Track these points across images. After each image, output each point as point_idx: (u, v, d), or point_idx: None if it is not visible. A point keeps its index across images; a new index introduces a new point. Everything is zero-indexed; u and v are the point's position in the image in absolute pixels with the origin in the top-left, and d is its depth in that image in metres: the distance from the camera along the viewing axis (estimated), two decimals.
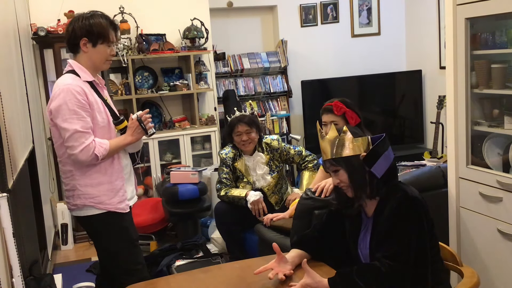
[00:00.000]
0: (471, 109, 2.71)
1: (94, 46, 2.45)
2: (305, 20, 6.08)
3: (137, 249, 2.66)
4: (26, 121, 3.63)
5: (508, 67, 2.63)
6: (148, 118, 2.55)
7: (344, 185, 1.99)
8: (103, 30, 2.45)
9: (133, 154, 2.67)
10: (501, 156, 2.69)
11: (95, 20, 2.44)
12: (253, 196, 3.43)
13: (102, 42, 2.46)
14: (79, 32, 2.42)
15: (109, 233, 2.54)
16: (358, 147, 1.96)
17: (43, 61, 4.76)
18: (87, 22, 2.43)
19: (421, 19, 6.05)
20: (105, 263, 2.69)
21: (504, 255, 2.58)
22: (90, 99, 2.41)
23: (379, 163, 1.92)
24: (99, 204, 2.48)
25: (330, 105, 3.12)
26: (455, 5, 2.67)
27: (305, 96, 5.82)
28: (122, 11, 4.94)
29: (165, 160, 5.13)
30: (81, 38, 2.42)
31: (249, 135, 3.56)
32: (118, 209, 2.51)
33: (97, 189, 2.46)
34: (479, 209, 2.69)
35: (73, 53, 2.50)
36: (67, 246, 4.60)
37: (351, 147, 1.95)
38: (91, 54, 2.46)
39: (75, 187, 2.47)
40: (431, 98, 5.90)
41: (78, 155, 2.36)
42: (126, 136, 2.52)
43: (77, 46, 2.45)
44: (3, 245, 2.17)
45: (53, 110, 2.37)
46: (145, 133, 2.54)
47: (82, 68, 2.46)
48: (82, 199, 2.47)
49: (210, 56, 5.41)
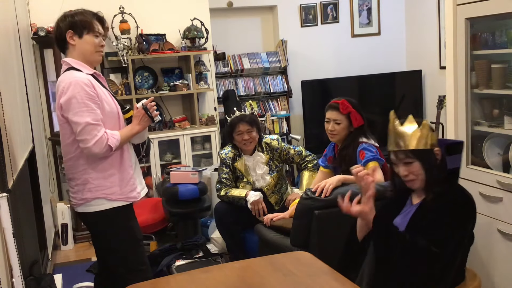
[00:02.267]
0: (471, 109, 2.71)
1: (80, 37, 2.47)
2: (305, 20, 6.08)
3: (141, 249, 2.67)
4: (26, 121, 3.63)
5: (508, 67, 2.63)
6: (153, 105, 2.57)
7: (413, 177, 2.02)
8: (87, 21, 2.48)
9: (138, 147, 2.68)
10: (501, 156, 2.69)
11: (79, 15, 2.49)
12: (253, 196, 3.43)
13: (88, 32, 2.47)
14: (64, 28, 2.46)
15: (115, 231, 2.54)
16: (434, 142, 2.02)
17: (43, 61, 4.76)
18: (70, 18, 2.48)
19: (421, 19, 6.05)
20: (110, 262, 2.66)
21: (504, 255, 2.58)
22: (98, 90, 2.42)
23: (455, 157, 2.02)
24: (111, 195, 2.48)
25: (337, 102, 3.13)
26: (455, 5, 2.67)
27: (305, 96, 5.82)
28: (122, 11, 4.95)
29: (165, 160, 5.13)
30: (66, 32, 2.45)
31: (250, 134, 3.56)
32: (129, 198, 2.53)
33: (109, 180, 2.48)
34: (479, 209, 2.68)
35: (63, 51, 2.53)
36: (67, 246, 4.60)
37: (430, 142, 2.00)
38: (80, 46, 2.47)
39: (87, 181, 2.47)
40: (431, 98, 5.90)
41: (92, 148, 2.36)
42: (133, 126, 2.53)
43: (65, 41, 2.47)
44: (3, 245, 2.17)
45: (63, 104, 2.37)
46: (151, 120, 2.55)
47: (79, 63, 2.47)
48: (93, 192, 2.47)
49: (210, 56, 5.41)
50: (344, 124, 3.11)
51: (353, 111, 3.10)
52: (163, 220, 4.46)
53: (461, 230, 1.92)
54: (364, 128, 3.14)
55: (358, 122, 3.10)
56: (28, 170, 3.37)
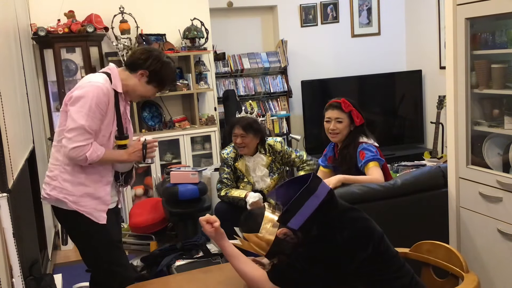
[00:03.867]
0: (471, 109, 2.71)
1: (148, 83, 2.50)
2: (305, 20, 6.08)
3: (118, 251, 2.59)
4: (26, 121, 3.63)
5: (508, 67, 2.63)
6: (154, 148, 2.56)
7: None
8: (166, 80, 2.53)
9: (118, 173, 2.60)
10: (501, 156, 2.69)
11: (168, 69, 2.53)
12: (253, 198, 3.43)
13: (156, 86, 2.52)
14: (149, 67, 2.47)
15: (85, 231, 2.48)
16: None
17: (43, 61, 4.76)
18: (160, 64, 2.49)
19: (421, 19, 6.06)
20: (84, 261, 2.61)
21: (504, 255, 2.58)
22: (110, 106, 2.41)
23: (296, 216, 1.86)
24: (71, 204, 2.41)
25: (338, 102, 3.15)
26: (455, 5, 2.67)
27: (305, 96, 5.82)
28: (122, 11, 4.94)
29: (165, 160, 5.13)
30: (145, 70, 2.47)
31: (243, 139, 3.52)
32: (90, 215, 2.44)
33: (76, 188, 2.42)
34: (479, 209, 2.69)
35: (129, 70, 2.52)
36: (67, 246, 4.60)
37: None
38: (138, 85, 2.50)
39: (56, 178, 2.42)
40: (431, 98, 5.90)
41: (70, 150, 2.32)
42: (122, 153, 2.50)
43: (136, 70, 2.48)
44: (3, 245, 2.17)
45: (73, 97, 2.36)
46: (142, 159, 2.52)
47: (117, 78, 2.47)
48: (58, 192, 2.42)
49: (210, 56, 5.41)
50: (346, 122, 3.13)
51: (354, 110, 3.12)
52: (163, 220, 4.45)
53: None
54: (364, 127, 3.16)
55: (359, 121, 3.12)
56: (28, 170, 3.37)
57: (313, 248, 1.85)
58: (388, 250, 1.90)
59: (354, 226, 1.87)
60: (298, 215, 1.85)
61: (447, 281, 2.07)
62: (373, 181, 2.93)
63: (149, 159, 2.55)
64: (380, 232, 1.90)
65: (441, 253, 2.08)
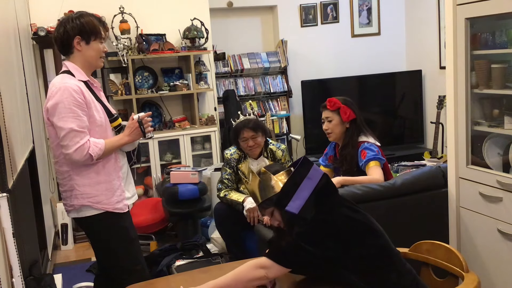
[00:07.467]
0: (471, 109, 2.71)
1: (87, 43, 2.46)
2: (305, 20, 6.08)
3: (136, 249, 2.65)
4: (26, 121, 3.63)
5: (508, 67, 2.63)
6: (149, 121, 2.55)
7: (284, 225, 1.92)
8: (95, 27, 2.47)
9: (129, 153, 2.65)
10: (501, 156, 2.69)
11: (86, 18, 2.46)
12: (250, 203, 3.41)
13: (95, 39, 2.47)
14: (72, 32, 2.43)
15: (107, 233, 2.54)
16: (283, 182, 1.90)
17: (43, 61, 4.76)
18: (78, 21, 2.44)
19: (421, 19, 6.05)
20: (104, 263, 2.68)
21: (504, 255, 2.58)
22: (87, 98, 2.41)
23: (293, 199, 1.84)
24: (97, 204, 2.46)
25: (326, 102, 3.24)
26: (455, 5, 2.67)
27: (305, 96, 5.82)
28: (122, 11, 4.95)
29: (165, 160, 5.13)
30: (74, 37, 2.43)
31: (255, 140, 3.50)
32: (116, 209, 2.50)
33: (95, 188, 2.45)
34: (479, 209, 2.69)
35: (66, 54, 2.51)
36: (67, 246, 4.60)
37: (277, 184, 1.89)
38: (85, 52, 2.47)
39: (73, 187, 2.46)
40: (431, 98, 5.90)
41: (72, 154, 2.34)
42: (123, 136, 2.52)
43: (70, 46, 2.46)
44: (3, 245, 2.17)
45: (49, 108, 2.37)
46: (143, 135, 2.53)
47: (76, 68, 2.47)
48: (79, 199, 2.46)
49: (210, 56, 5.41)
50: (336, 120, 3.18)
51: (342, 107, 3.17)
52: (163, 220, 4.46)
53: None
54: (358, 123, 3.18)
55: (347, 116, 3.16)
56: (28, 170, 3.37)
57: (313, 229, 1.84)
58: (389, 246, 1.92)
59: (354, 214, 1.89)
60: (295, 198, 1.84)
61: (447, 281, 2.07)
62: (373, 181, 2.94)
63: (149, 133, 2.55)
64: (379, 227, 1.92)
65: (441, 253, 2.07)
